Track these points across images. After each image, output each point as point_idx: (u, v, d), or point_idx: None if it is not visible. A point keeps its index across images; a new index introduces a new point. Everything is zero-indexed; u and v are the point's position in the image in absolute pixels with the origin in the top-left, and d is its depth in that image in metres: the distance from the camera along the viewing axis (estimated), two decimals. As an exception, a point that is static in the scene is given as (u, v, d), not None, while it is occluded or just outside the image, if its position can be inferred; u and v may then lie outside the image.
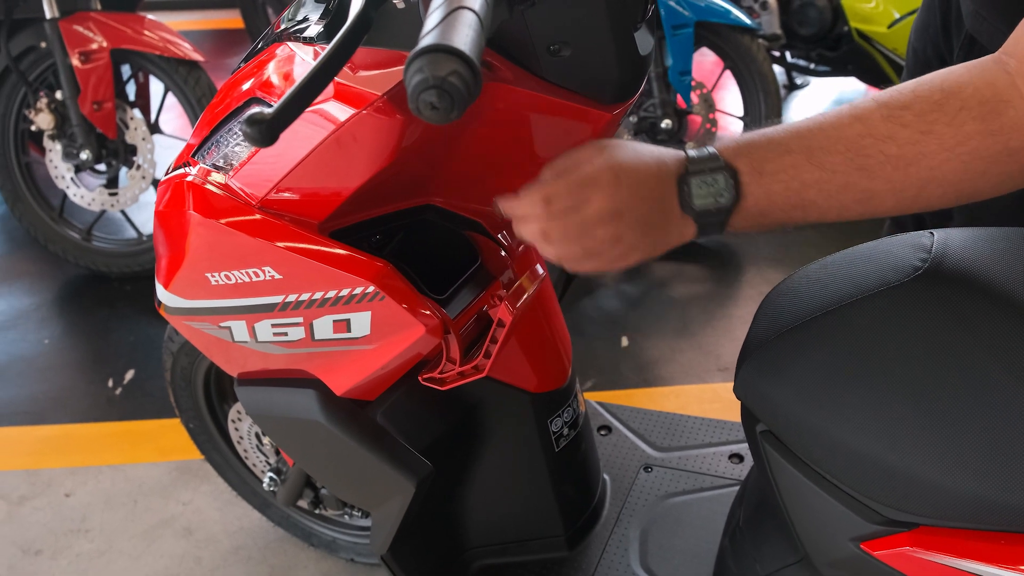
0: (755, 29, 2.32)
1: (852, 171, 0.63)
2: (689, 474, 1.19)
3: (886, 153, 0.62)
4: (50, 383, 1.96)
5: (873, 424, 0.68)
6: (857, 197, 0.64)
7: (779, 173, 0.65)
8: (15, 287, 2.31)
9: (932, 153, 0.61)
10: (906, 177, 0.62)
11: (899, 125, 0.62)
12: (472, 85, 0.45)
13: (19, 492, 1.64)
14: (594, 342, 2.04)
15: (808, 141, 0.64)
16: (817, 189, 0.64)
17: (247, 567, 1.47)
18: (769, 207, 0.66)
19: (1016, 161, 0.61)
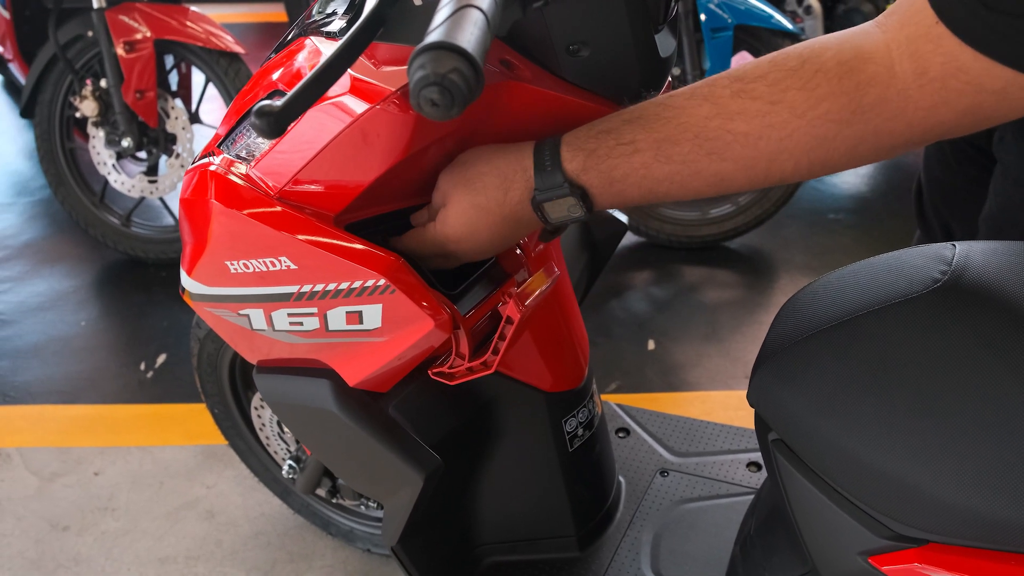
0: (796, 34, 2.28)
1: (701, 157, 0.63)
2: (705, 480, 1.18)
3: (734, 132, 0.62)
4: (84, 364, 2.01)
5: (886, 437, 0.67)
6: (709, 181, 0.64)
7: (629, 176, 0.66)
8: (56, 269, 2.37)
9: (781, 123, 0.60)
10: (756, 153, 0.62)
11: (749, 99, 0.61)
12: (473, 83, 0.45)
13: (50, 469, 1.69)
14: (620, 344, 2.03)
15: (656, 134, 0.64)
16: (668, 182, 0.65)
17: (266, 552, 1.49)
18: (623, 202, 0.68)
19: (868, 121, 0.59)
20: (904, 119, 0.59)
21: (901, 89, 0.58)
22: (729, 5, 2.23)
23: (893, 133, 0.60)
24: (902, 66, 0.58)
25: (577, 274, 1.18)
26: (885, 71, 0.58)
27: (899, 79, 0.58)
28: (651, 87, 0.72)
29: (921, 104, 0.58)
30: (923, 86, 0.57)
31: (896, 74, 0.58)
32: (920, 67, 0.57)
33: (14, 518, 1.58)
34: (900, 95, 0.58)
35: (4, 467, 1.70)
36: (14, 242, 2.52)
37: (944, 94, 0.57)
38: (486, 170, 0.70)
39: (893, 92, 0.58)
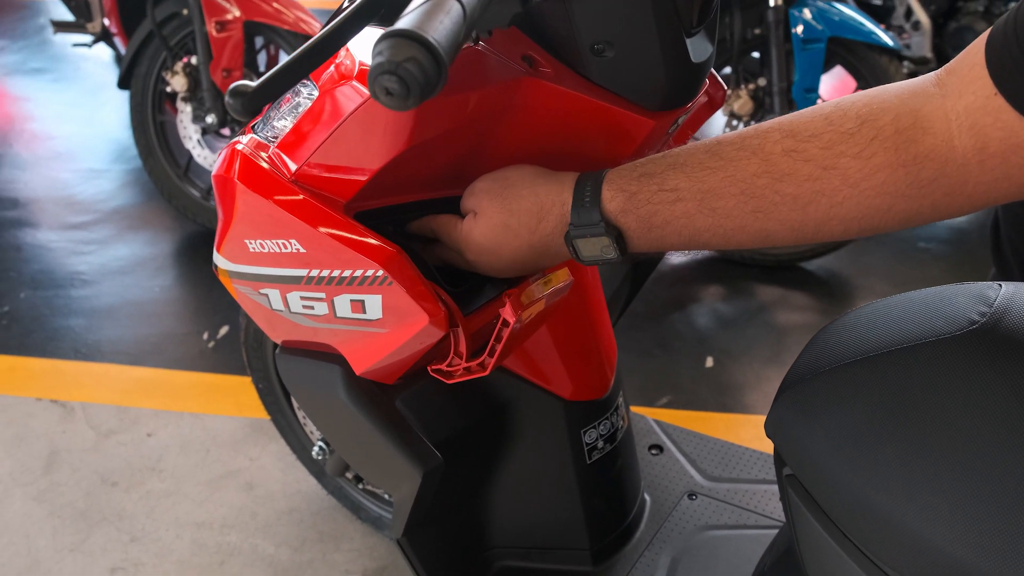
0: (896, 50, 2.17)
1: (746, 214, 0.60)
2: (734, 508, 1.13)
3: (782, 194, 0.58)
4: (152, 328, 2.09)
5: (902, 487, 0.62)
6: (753, 237, 0.61)
7: (669, 224, 0.63)
8: (139, 236, 2.47)
9: (833, 190, 0.57)
10: (804, 217, 0.58)
11: (801, 160, 0.57)
12: (433, 74, 0.44)
13: (108, 425, 1.76)
14: (677, 358, 1.98)
15: (701, 184, 0.61)
16: (710, 234, 0.62)
17: (297, 529, 1.52)
18: (661, 247, 0.65)
19: (925, 196, 0.56)
20: (963, 194, 0.56)
21: (961, 165, 0.55)
22: (824, 15, 2.13)
23: (951, 206, 0.57)
24: (961, 141, 0.54)
25: (615, 286, 1.14)
26: (944, 145, 0.55)
27: (958, 154, 0.55)
28: (681, 94, 0.69)
29: (981, 180, 0.55)
30: (983, 162, 0.54)
31: (955, 148, 0.55)
32: (980, 143, 0.54)
33: (70, 468, 1.65)
34: (960, 171, 0.55)
35: (67, 419, 1.78)
36: (104, 207, 2.65)
37: (1005, 169, 0.54)
38: (525, 193, 0.68)
39: (952, 168, 0.55)
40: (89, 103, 3.52)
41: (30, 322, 2.12)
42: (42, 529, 1.52)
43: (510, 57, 0.67)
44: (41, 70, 3.90)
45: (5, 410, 1.81)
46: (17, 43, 4.23)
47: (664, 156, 0.65)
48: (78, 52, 3.84)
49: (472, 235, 0.70)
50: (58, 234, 2.53)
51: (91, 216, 2.60)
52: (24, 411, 1.80)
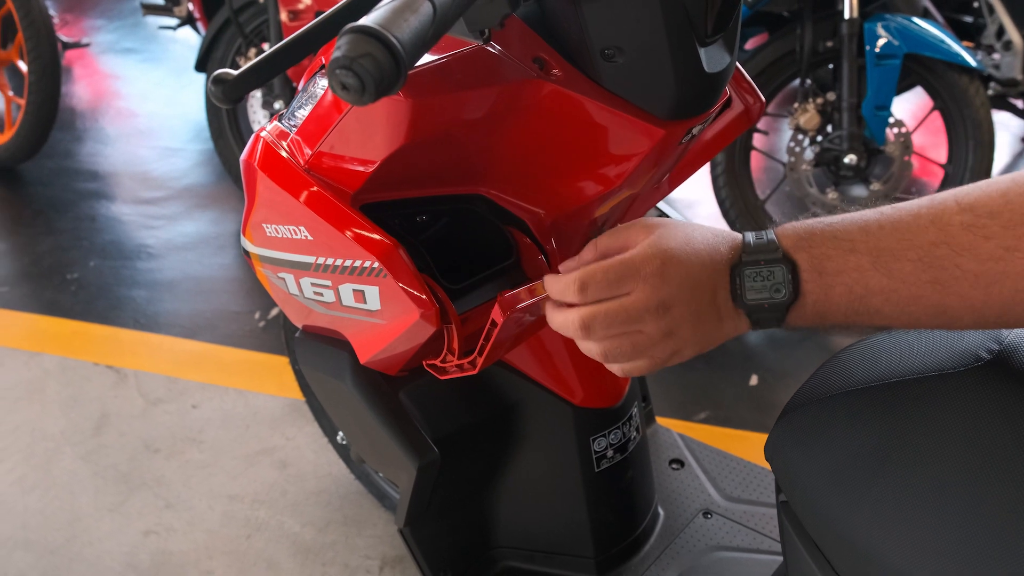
0: (978, 70, 2.08)
1: (924, 283, 0.55)
2: (748, 531, 1.11)
3: (963, 269, 0.53)
4: (208, 304, 2.16)
5: (889, 524, 0.59)
6: (929, 312, 0.55)
7: (841, 274, 0.58)
8: (205, 214, 2.56)
9: (1017, 274, 0.51)
10: (987, 297, 0.53)
11: (982, 237, 0.52)
12: (389, 71, 0.44)
13: (157, 394, 1.83)
14: (720, 373, 1.94)
15: (877, 241, 0.56)
16: (883, 298, 0.56)
17: (324, 511, 1.55)
18: (829, 309, 0.59)
19: None
20: None
21: None
22: (902, 30, 2.06)
23: None
24: None
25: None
26: None
27: None
28: (693, 104, 0.68)
29: None
30: None
31: None
32: None
33: (117, 432, 1.72)
34: None
35: (120, 385, 1.86)
36: (176, 184, 2.75)
37: None
38: (694, 233, 0.63)
39: None
40: (173, 84, 3.66)
41: (96, 290, 2.22)
42: (86, 487, 1.59)
43: (522, 58, 0.67)
44: (132, 50, 4.08)
45: (64, 372, 1.90)
46: (113, 23, 4.43)
47: (832, 217, 0.61)
48: (167, 34, 4.00)
49: (651, 238, 0.62)
50: (131, 208, 2.64)
51: (163, 192, 2.70)
52: (82, 374, 1.89)
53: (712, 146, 0.89)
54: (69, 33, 4.18)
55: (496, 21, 0.57)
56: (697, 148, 0.88)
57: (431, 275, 0.72)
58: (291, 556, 1.44)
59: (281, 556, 1.44)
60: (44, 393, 1.83)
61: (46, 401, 1.81)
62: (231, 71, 0.53)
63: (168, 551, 1.45)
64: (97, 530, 1.49)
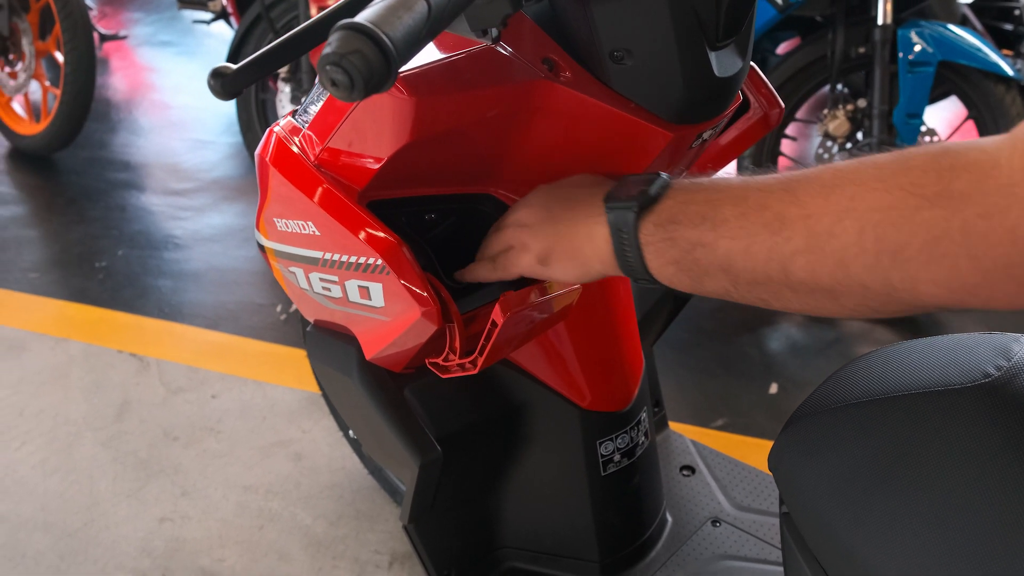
0: (1015, 79, 2.03)
1: (777, 191, 0.56)
2: (756, 541, 1.09)
3: (817, 179, 0.54)
4: (232, 296, 2.19)
5: (889, 540, 0.58)
6: (769, 220, 0.56)
7: (710, 185, 0.61)
8: (233, 206, 2.59)
9: (859, 180, 0.52)
10: (825, 204, 0.53)
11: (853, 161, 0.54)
12: (379, 69, 0.44)
13: (178, 383, 1.86)
14: (739, 381, 1.92)
15: (751, 177, 0.59)
16: (735, 203, 0.58)
17: (336, 504, 1.56)
18: (682, 214, 0.60)
19: (953, 209, 0.48)
20: (1003, 221, 0.46)
21: (1004, 184, 0.47)
22: (937, 37, 2.02)
23: (988, 237, 0.47)
24: (1011, 162, 0.47)
25: (657, 297, 1.12)
26: (988, 160, 0.48)
27: (1003, 172, 0.47)
28: (703, 108, 0.67)
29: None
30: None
31: (1000, 166, 0.47)
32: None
33: (138, 419, 1.75)
34: (1001, 190, 0.47)
35: (143, 373, 1.89)
36: (205, 176, 2.79)
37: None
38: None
39: (993, 184, 0.47)
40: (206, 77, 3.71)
41: (123, 278, 2.26)
42: (105, 472, 1.61)
43: (531, 59, 0.67)
44: (168, 43, 4.14)
45: (88, 358, 1.93)
46: (151, 16, 4.50)
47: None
48: (202, 28, 4.06)
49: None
50: (160, 198, 2.68)
51: (192, 184, 2.74)
52: (105, 361, 1.92)
53: (729, 151, 0.88)
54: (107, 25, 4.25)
55: (497, 21, 0.57)
56: (713, 152, 0.87)
57: (435, 273, 0.72)
58: (302, 548, 1.45)
59: (292, 548, 1.45)
60: (68, 378, 1.87)
61: (70, 386, 1.84)
62: (230, 65, 0.54)
63: (182, 538, 1.47)
64: (114, 515, 1.51)
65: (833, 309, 0.55)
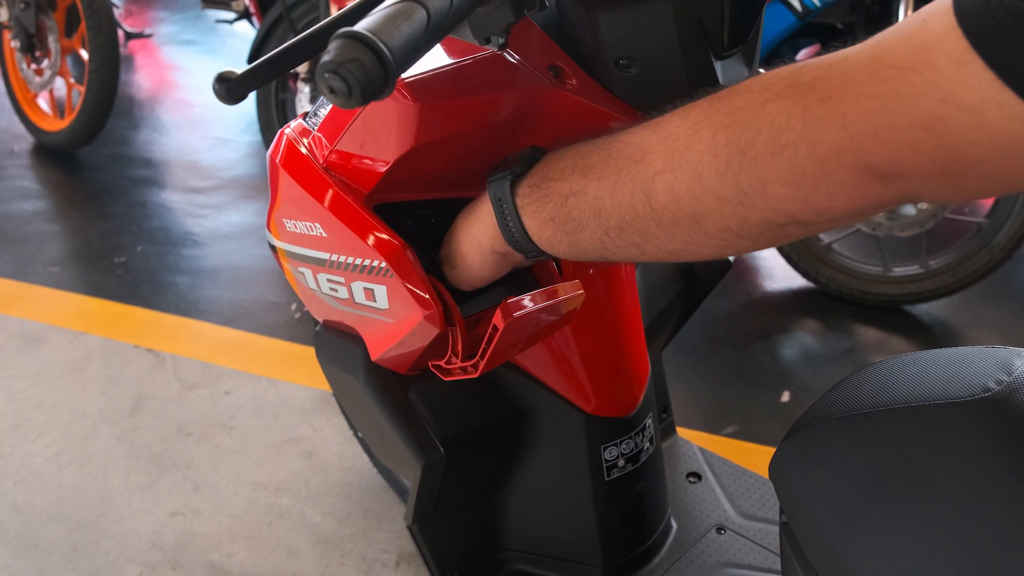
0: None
1: (639, 130, 0.57)
2: (760, 550, 1.09)
3: (678, 110, 0.55)
4: (247, 294, 2.21)
5: (890, 555, 0.58)
6: (632, 153, 0.57)
7: (575, 145, 0.63)
8: (250, 205, 2.62)
9: (717, 97, 0.53)
10: (683, 122, 0.54)
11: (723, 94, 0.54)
12: (376, 77, 0.44)
13: (192, 379, 1.88)
14: (752, 388, 1.92)
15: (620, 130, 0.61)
16: (601, 147, 0.59)
17: (345, 503, 1.57)
18: (553, 170, 0.62)
19: (802, 97, 0.47)
20: (839, 104, 0.45)
21: (846, 71, 0.45)
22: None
23: (823, 121, 0.46)
24: (858, 53, 0.46)
25: (666, 303, 1.12)
26: (840, 55, 0.47)
27: (848, 61, 0.45)
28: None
29: (866, 91, 0.44)
30: (873, 68, 0.44)
31: (848, 57, 0.46)
32: (877, 53, 0.44)
33: (152, 414, 1.77)
34: (843, 75, 0.45)
35: (158, 368, 1.91)
36: (224, 175, 2.82)
37: (898, 85, 0.43)
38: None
39: (836, 71, 0.46)
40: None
41: (141, 274, 2.29)
42: (119, 466, 1.63)
43: (537, 65, 0.67)
44: (192, 42, 4.19)
45: (106, 353, 1.96)
46: (175, 15, 4.55)
47: None
48: (225, 27, 4.10)
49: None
50: (180, 195, 2.71)
51: (211, 182, 2.77)
52: (122, 356, 1.95)
53: None
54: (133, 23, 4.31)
55: (500, 29, 0.58)
56: None
57: (439, 277, 0.73)
58: (310, 545, 1.46)
59: (301, 545, 1.47)
60: (85, 372, 1.89)
61: (87, 380, 1.87)
62: (235, 70, 0.55)
63: (192, 532, 1.48)
64: (127, 508, 1.53)
65: (699, 241, 0.55)
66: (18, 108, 3.06)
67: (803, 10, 2.05)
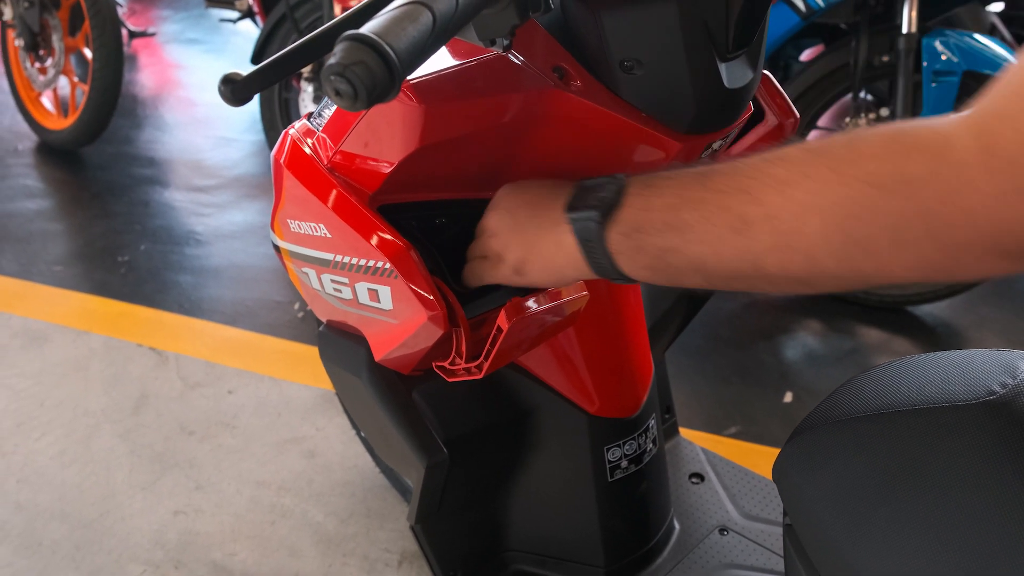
0: (1041, 91, 2.00)
1: (733, 192, 0.56)
2: (763, 551, 1.09)
3: (771, 174, 0.54)
4: (250, 293, 2.21)
5: (893, 557, 0.58)
6: (732, 222, 0.55)
7: (665, 187, 0.60)
8: (253, 204, 2.62)
9: (817, 175, 0.52)
10: (785, 202, 0.53)
11: (794, 153, 0.54)
12: (382, 79, 0.44)
13: (195, 378, 1.88)
14: (754, 389, 1.91)
15: (706, 167, 0.59)
16: (694, 207, 0.58)
17: (348, 502, 1.57)
18: (645, 222, 0.60)
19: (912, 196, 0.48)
20: (960, 203, 0.47)
21: (958, 163, 0.47)
22: (962, 47, 2.00)
23: (947, 220, 0.47)
24: (962, 141, 0.47)
25: (669, 303, 1.12)
26: (939, 140, 0.48)
27: (957, 152, 0.47)
28: (712, 119, 0.67)
29: (984, 188, 0.46)
30: (987, 163, 0.46)
31: (953, 146, 0.47)
32: (986, 143, 0.46)
33: (155, 413, 1.78)
34: (956, 171, 0.47)
35: (161, 367, 1.91)
36: (228, 174, 2.82)
37: (1016, 180, 0.45)
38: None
39: (947, 166, 0.47)
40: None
41: (145, 273, 2.29)
42: (121, 465, 1.64)
43: (542, 67, 0.67)
44: (196, 40, 4.19)
45: (109, 351, 1.96)
46: (179, 14, 4.56)
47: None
48: (229, 26, 4.10)
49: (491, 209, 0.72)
50: (183, 194, 2.71)
51: (215, 181, 2.77)
52: (125, 354, 1.95)
53: None
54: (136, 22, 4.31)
55: (505, 31, 0.58)
56: None
57: (443, 278, 0.73)
58: (313, 544, 1.47)
59: (303, 544, 1.47)
60: (88, 371, 1.90)
61: (90, 379, 1.87)
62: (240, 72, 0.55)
63: (195, 531, 1.49)
64: (129, 507, 1.54)
65: (810, 291, 0.57)
66: (22, 107, 3.06)
67: (807, 10, 2.05)
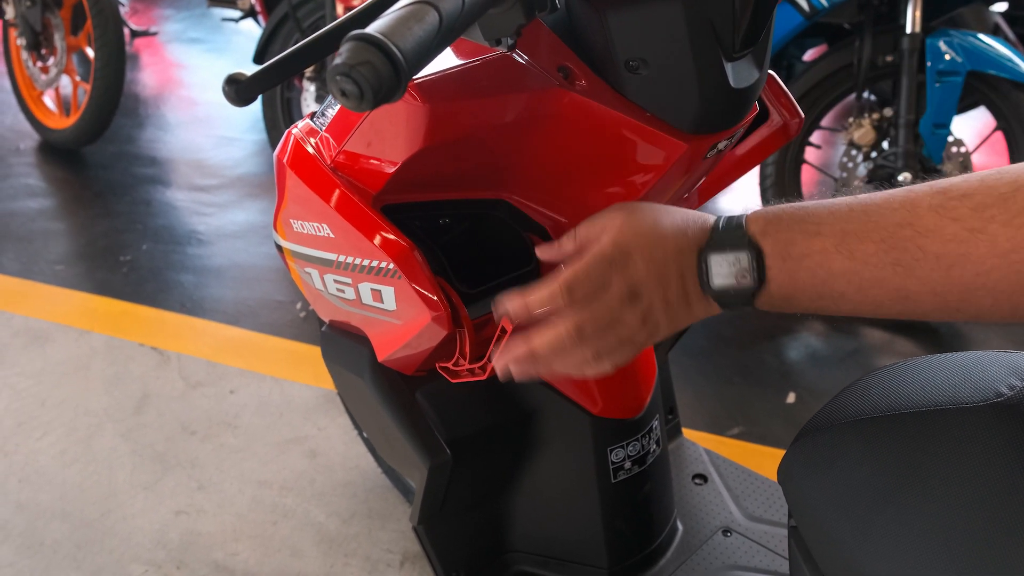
0: (1045, 90, 2.00)
1: (886, 265, 0.55)
2: (767, 552, 1.09)
3: (925, 250, 0.53)
4: (252, 293, 2.21)
5: (898, 559, 0.58)
6: (892, 295, 0.55)
7: (805, 258, 0.58)
8: (256, 203, 2.62)
9: (979, 257, 0.51)
10: (948, 280, 0.52)
11: (949, 219, 0.52)
12: (388, 79, 0.44)
13: (197, 378, 1.88)
14: (756, 389, 1.91)
15: (843, 224, 0.57)
16: (846, 280, 0.57)
17: (349, 502, 1.57)
18: (794, 293, 0.59)
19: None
20: None
21: None
22: (966, 47, 1.99)
23: None
24: None
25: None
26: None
27: None
28: (718, 119, 0.67)
29: None
30: None
31: None
32: None
33: (157, 412, 1.77)
34: None
35: (163, 366, 1.91)
36: (230, 173, 2.82)
37: None
38: (664, 216, 0.64)
39: None
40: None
41: (146, 272, 2.29)
42: (123, 464, 1.63)
43: (547, 67, 0.67)
44: (198, 40, 4.19)
45: (111, 351, 1.96)
46: (181, 13, 4.56)
47: (806, 202, 0.62)
48: (231, 25, 4.10)
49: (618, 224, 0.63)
50: (185, 194, 2.71)
51: (217, 180, 2.77)
52: (127, 354, 1.95)
53: (746, 161, 0.87)
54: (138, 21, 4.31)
55: (511, 31, 0.57)
56: (731, 162, 0.87)
57: (447, 279, 0.72)
58: (315, 544, 1.46)
59: (305, 544, 1.46)
60: (90, 370, 1.89)
61: (91, 378, 1.87)
62: (244, 72, 0.55)
63: (197, 531, 1.48)
64: (131, 506, 1.53)
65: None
66: (24, 106, 3.06)
67: (811, 10, 2.05)
